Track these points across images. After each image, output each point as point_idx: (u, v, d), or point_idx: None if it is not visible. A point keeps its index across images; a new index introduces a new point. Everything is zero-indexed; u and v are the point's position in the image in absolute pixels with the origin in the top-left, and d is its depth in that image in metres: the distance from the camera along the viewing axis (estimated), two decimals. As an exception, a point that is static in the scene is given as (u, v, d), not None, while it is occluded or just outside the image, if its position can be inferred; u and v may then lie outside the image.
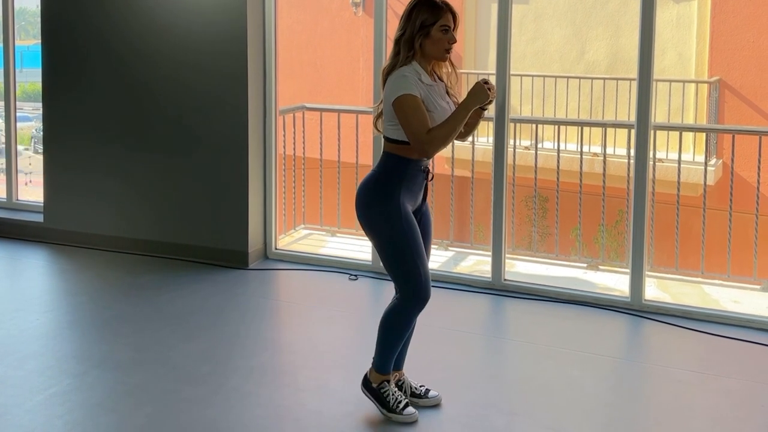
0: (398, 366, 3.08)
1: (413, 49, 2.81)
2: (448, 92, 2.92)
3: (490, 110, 3.93)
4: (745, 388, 3.31)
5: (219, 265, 4.81)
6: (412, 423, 2.93)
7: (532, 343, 3.75)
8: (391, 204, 2.80)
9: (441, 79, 2.92)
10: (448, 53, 2.86)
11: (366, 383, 3.00)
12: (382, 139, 2.90)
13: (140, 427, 2.89)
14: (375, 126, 2.95)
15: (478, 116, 2.91)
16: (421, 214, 2.95)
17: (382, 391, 2.95)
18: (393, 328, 2.91)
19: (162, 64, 4.93)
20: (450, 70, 2.93)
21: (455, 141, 3.06)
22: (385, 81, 2.85)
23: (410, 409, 2.96)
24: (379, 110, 2.91)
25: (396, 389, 3.00)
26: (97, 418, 2.96)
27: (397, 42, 2.84)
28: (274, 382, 3.28)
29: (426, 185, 2.93)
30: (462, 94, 2.87)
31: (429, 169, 2.90)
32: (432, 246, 3.09)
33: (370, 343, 3.36)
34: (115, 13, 5.02)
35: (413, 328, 3.02)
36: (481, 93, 2.78)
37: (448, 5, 2.84)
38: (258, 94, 4.84)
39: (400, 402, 2.95)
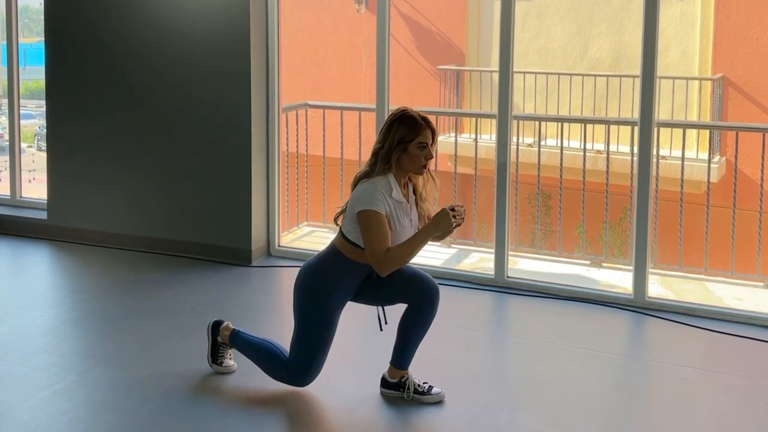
0: (403, 366, 3.09)
1: (389, 162, 2.88)
2: (417, 203, 2.98)
3: (494, 108, 3.93)
4: (748, 385, 3.31)
5: (222, 262, 4.81)
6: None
7: (535, 340, 3.75)
8: (323, 299, 2.96)
9: (415, 190, 2.98)
10: (425, 168, 2.92)
11: (213, 328, 3.27)
12: (338, 233, 2.98)
13: (144, 424, 2.90)
14: (335, 221, 3.04)
15: (447, 234, 2.95)
16: (374, 275, 2.99)
17: (221, 343, 3.25)
18: (263, 365, 3.13)
19: (165, 63, 4.93)
20: (427, 178, 2.99)
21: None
22: (355, 184, 2.91)
23: (229, 362, 3.27)
24: (343, 208, 2.98)
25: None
26: (100, 415, 2.97)
27: (375, 154, 2.91)
28: (277, 379, 3.28)
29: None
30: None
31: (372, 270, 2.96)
32: (435, 243, 3.12)
33: (372, 341, 3.37)
34: (117, 11, 5.02)
35: (426, 330, 3.06)
36: (444, 221, 2.84)
37: (427, 121, 2.90)
38: (261, 92, 4.85)
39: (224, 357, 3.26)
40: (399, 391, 3.08)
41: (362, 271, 2.97)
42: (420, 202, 3.00)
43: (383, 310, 3.13)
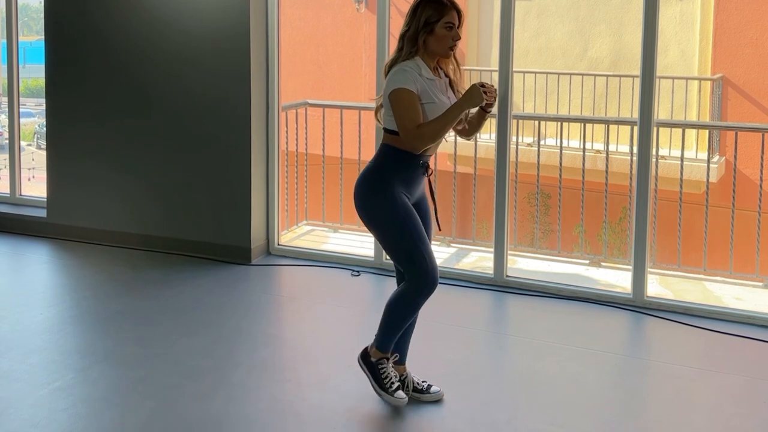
0: (401, 361, 3.09)
1: (416, 45, 2.84)
2: (453, 88, 2.94)
3: (494, 107, 3.93)
4: (747, 384, 3.31)
5: (221, 261, 4.82)
6: (399, 407, 2.98)
7: (534, 339, 3.75)
8: (387, 193, 2.83)
9: (447, 75, 2.93)
10: (452, 50, 2.88)
11: (364, 357, 3.02)
12: (383, 132, 2.93)
13: (143, 422, 2.91)
14: (376, 117, 2.99)
15: (482, 117, 2.93)
16: (420, 210, 2.96)
17: (380, 367, 2.98)
18: (398, 310, 2.91)
19: (165, 61, 4.93)
20: (455, 66, 2.95)
21: (460, 137, 3.08)
22: (387, 74, 2.88)
23: (401, 393, 2.99)
24: (380, 102, 2.94)
25: (392, 370, 3.02)
26: (100, 413, 2.97)
27: (402, 38, 2.87)
28: (276, 377, 3.29)
29: (427, 181, 2.95)
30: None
31: (428, 164, 2.93)
32: (435, 242, 3.10)
33: (372, 338, 3.36)
34: (117, 9, 5.02)
35: (415, 320, 3.05)
36: (475, 95, 2.79)
37: (453, 2, 2.86)
38: (261, 91, 4.85)
39: (393, 383, 2.98)
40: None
41: (417, 162, 2.85)
42: (455, 86, 2.94)
43: (436, 213, 3.03)
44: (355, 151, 5.67)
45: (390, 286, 4.10)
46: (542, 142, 6.15)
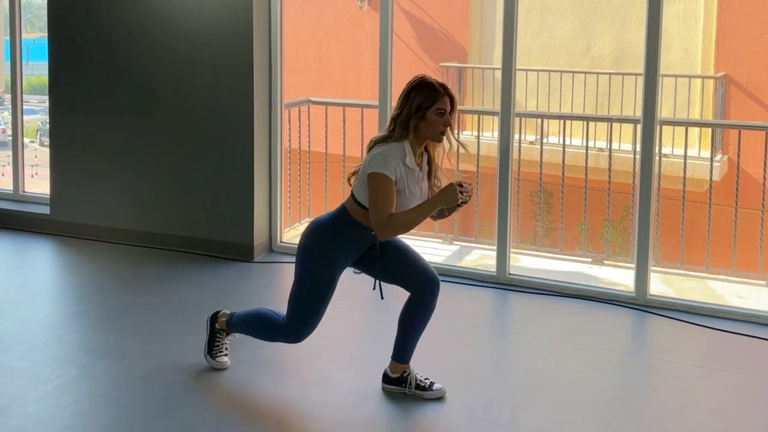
0: (404, 359, 3.10)
1: (407, 129, 2.86)
2: (432, 173, 2.98)
3: (496, 105, 3.94)
4: (750, 383, 3.31)
5: (224, 258, 4.82)
6: (217, 368, 3.25)
7: (537, 337, 3.75)
8: (325, 257, 2.94)
9: (430, 161, 2.97)
10: (443, 135, 2.90)
11: (213, 318, 3.30)
12: (349, 195, 2.98)
13: (146, 418, 2.91)
14: (348, 181, 3.04)
15: (452, 210, 2.95)
16: (377, 247, 3.00)
17: (218, 336, 3.29)
18: (260, 325, 3.13)
19: (167, 58, 4.93)
20: (448, 146, 2.96)
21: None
22: (371, 147, 2.91)
23: (223, 359, 3.29)
24: (357, 169, 2.98)
25: (227, 341, 3.31)
26: (103, 409, 2.98)
27: (394, 120, 2.89)
28: (278, 374, 3.30)
29: (377, 247, 3.02)
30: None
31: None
32: (437, 240, 3.12)
33: (374, 336, 3.37)
34: (120, 6, 5.02)
35: (426, 324, 3.07)
36: (450, 194, 2.83)
37: (445, 88, 2.89)
38: (263, 88, 4.85)
39: (221, 351, 3.29)
40: (401, 386, 3.09)
41: (368, 235, 2.94)
42: (433, 174, 2.98)
43: (380, 284, 3.11)
44: (358, 148, 5.67)
45: (391, 284, 4.10)
46: (545, 140, 6.13)
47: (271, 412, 2.99)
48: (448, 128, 2.87)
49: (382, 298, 3.14)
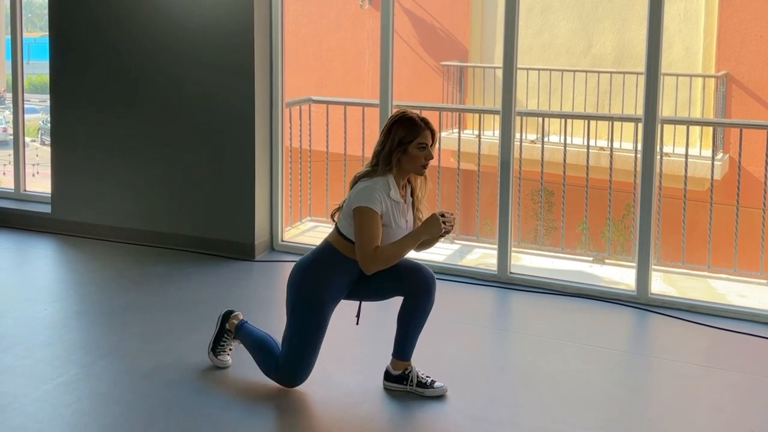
0: (406, 356, 3.10)
1: (390, 164, 2.93)
2: (415, 205, 3.03)
3: (497, 104, 3.94)
4: (751, 382, 3.31)
5: (225, 257, 4.82)
6: (218, 366, 3.27)
7: (538, 335, 3.75)
8: (314, 296, 2.97)
9: (413, 192, 3.02)
10: (425, 168, 2.96)
11: (225, 317, 3.30)
12: (333, 229, 3.02)
13: (147, 417, 2.91)
14: (331, 217, 3.09)
15: (435, 239, 3.01)
16: (369, 282, 3.03)
17: (225, 336, 3.28)
18: (259, 349, 3.13)
19: (168, 58, 4.93)
20: (423, 180, 3.03)
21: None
22: (355, 183, 2.96)
23: (225, 357, 3.29)
24: (340, 205, 3.03)
25: (231, 345, 3.29)
26: (104, 407, 2.98)
27: (376, 155, 2.95)
28: (280, 373, 3.29)
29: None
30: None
31: None
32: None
33: (375, 335, 3.37)
34: (121, 5, 5.02)
35: (425, 321, 3.08)
36: (433, 225, 2.89)
37: (426, 122, 2.95)
38: (264, 87, 4.85)
39: (224, 350, 3.28)
40: (402, 384, 3.09)
41: (356, 267, 2.99)
42: (416, 205, 3.05)
43: (360, 306, 3.17)
44: (359, 147, 5.67)
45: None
46: (546, 139, 6.13)
47: (273, 410, 2.99)
48: (429, 162, 2.93)
49: (357, 324, 3.19)
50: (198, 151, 4.93)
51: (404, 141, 2.90)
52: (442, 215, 2.91)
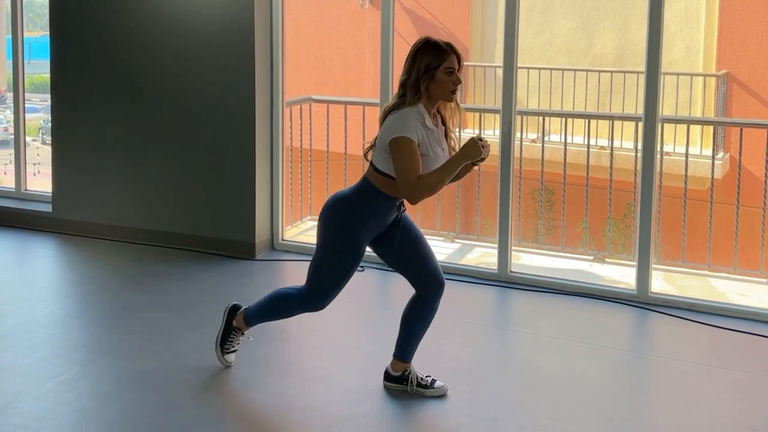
0: (406, 359, 3.10)
1: (419, 92, 2.82)
2: (447, 134, 2.95)
3: (498, 103, 3.94)
4: (751, 380, 3.31)
5: (226, 256, 4.83)
6: (222, 365, 3.26)
7: (538, 334, 3.76)
8: (350, 234, 2.87)
9: (444, 120, 2.94)
10: (454, 94, 2.87)
11: (232, 312, 3.26)
12: (369, 167, 2.92)
13: (148, 415, 2.92)
14: (365, 156, 2.98)
15: (467, 169, 2.92)
16: (400, 225, 2.97)
17: (233, 332, 3.24)
18: (277, 305, 3.10)
19: (169, 57, 4.94)
20: (454, 107, 2.94)
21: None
22: (385, 117, 2.86)
23: (231, 357, 3.27)
24: (373, 143, 2.93)
25: (239, 342, 3.27)
26: (105, 406, 2.99)
27: (403, 85, 2.85)
28: (279, 371, 3.30)
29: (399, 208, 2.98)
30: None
31: (403, 202, 2.95)
32: (438, 238, 3.13)
33: (376, 334, 3.37)
34: (122, 5, 5.03)
35: (430, 323, 3.07)
36: (473, 149, 2.80)
37: (451, 47, 2.86)
38: (265, 86, 4.85)
39: (231, 347, 3.26)
40: (402, 384, 3.09)
41: (393, 205, 2.90)
42: (449, 134, 2.96)
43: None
44: (359, 146, 5.67)
45: (394, 282, 4.11)
46: (546, 138, 6.14)
47: (273, 409, 2.99)
48: (457, 87, 2.84)
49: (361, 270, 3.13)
50: (198, 150, 4.94)
51: (431, 67, 2.79)
52: (480, 139, 2.81)
